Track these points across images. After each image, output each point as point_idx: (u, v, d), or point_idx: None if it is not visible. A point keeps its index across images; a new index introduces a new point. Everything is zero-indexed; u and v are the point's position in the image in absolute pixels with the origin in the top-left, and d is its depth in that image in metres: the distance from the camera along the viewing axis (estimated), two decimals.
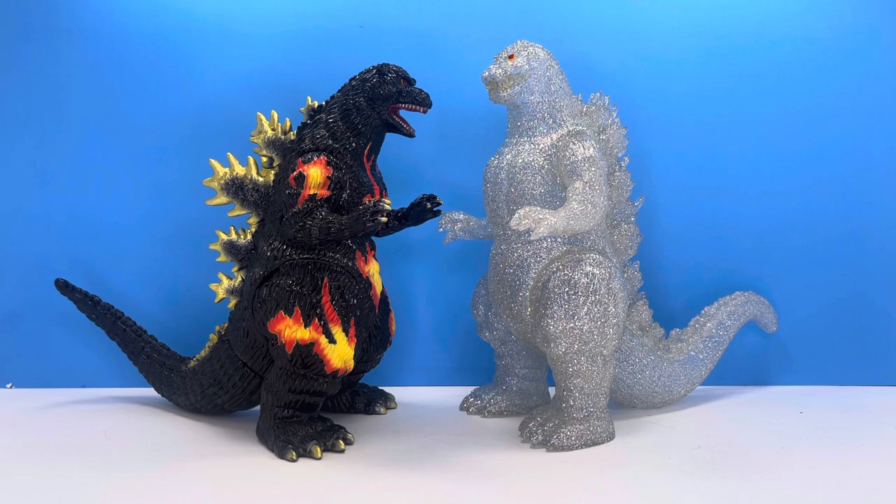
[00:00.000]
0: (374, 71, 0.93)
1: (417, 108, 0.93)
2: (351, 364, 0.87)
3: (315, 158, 0.89)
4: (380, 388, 1.07)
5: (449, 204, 1.06)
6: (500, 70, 0.92)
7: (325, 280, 0.86)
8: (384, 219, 0.85)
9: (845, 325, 1.13)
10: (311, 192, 0.87)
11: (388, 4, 1.15)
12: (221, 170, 0.95)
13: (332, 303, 0.86)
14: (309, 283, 0.86)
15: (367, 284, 0.90)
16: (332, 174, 0.88)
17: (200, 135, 1.14)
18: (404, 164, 1.13)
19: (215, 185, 0.95)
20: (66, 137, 1.15)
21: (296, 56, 1.14)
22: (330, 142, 0.90)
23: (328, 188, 0.88)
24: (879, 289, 1.12)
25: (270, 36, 1.15)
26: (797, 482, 0.73)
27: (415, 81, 0.96)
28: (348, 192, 0.89)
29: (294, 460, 0.82)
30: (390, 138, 0.97)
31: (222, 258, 0.95)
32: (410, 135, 0.95)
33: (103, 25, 1.15)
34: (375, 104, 0.92)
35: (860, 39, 1.11)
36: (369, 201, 0.87)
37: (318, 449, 0.83)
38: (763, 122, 1.12)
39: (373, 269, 0.92)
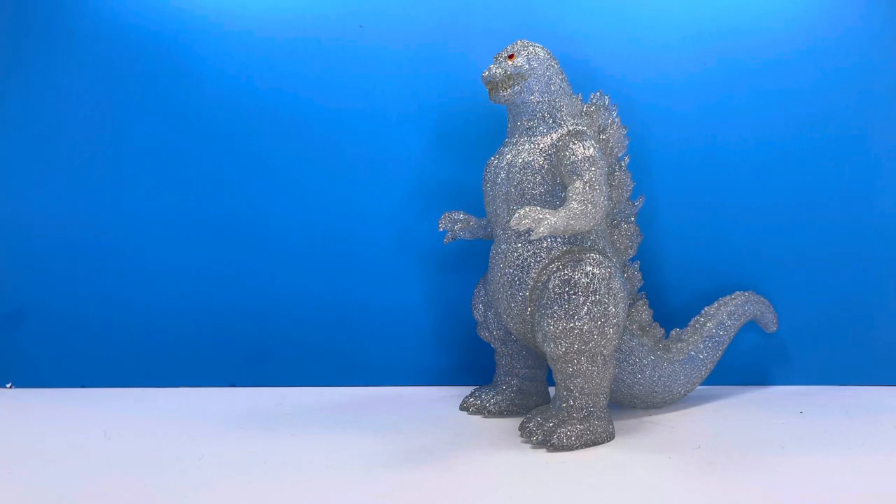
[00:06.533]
0: None
1: None
2: None
3: None
4: None
5: (449, 204, 1.07)
6: (500, 70, 0.91)
7: None
8: None
9: (845, 325, 1.12)
10: None
11: (389, 4, 1.15)
12: None
13: None
14: None
15: None
16: None
17: (200, 135, 1.14)
18: (404, 164, 1.13)
19: None
20: (66, 137, 1.15)
21: (296, 56, 1.14)
22: None
23: None
24: (879, 289, 1.12)
25: (270, 36, 1.15)
26: (797, 482, 0.73)
27: None
28: None
29: None
30: (390, 139, 0.97)
31: None
32: None
33: (103, 25, 1.15)
34: None
35: (861, 39, 1.11)
36: None
37: None
38: (763, 123, 1.12)
39: None
